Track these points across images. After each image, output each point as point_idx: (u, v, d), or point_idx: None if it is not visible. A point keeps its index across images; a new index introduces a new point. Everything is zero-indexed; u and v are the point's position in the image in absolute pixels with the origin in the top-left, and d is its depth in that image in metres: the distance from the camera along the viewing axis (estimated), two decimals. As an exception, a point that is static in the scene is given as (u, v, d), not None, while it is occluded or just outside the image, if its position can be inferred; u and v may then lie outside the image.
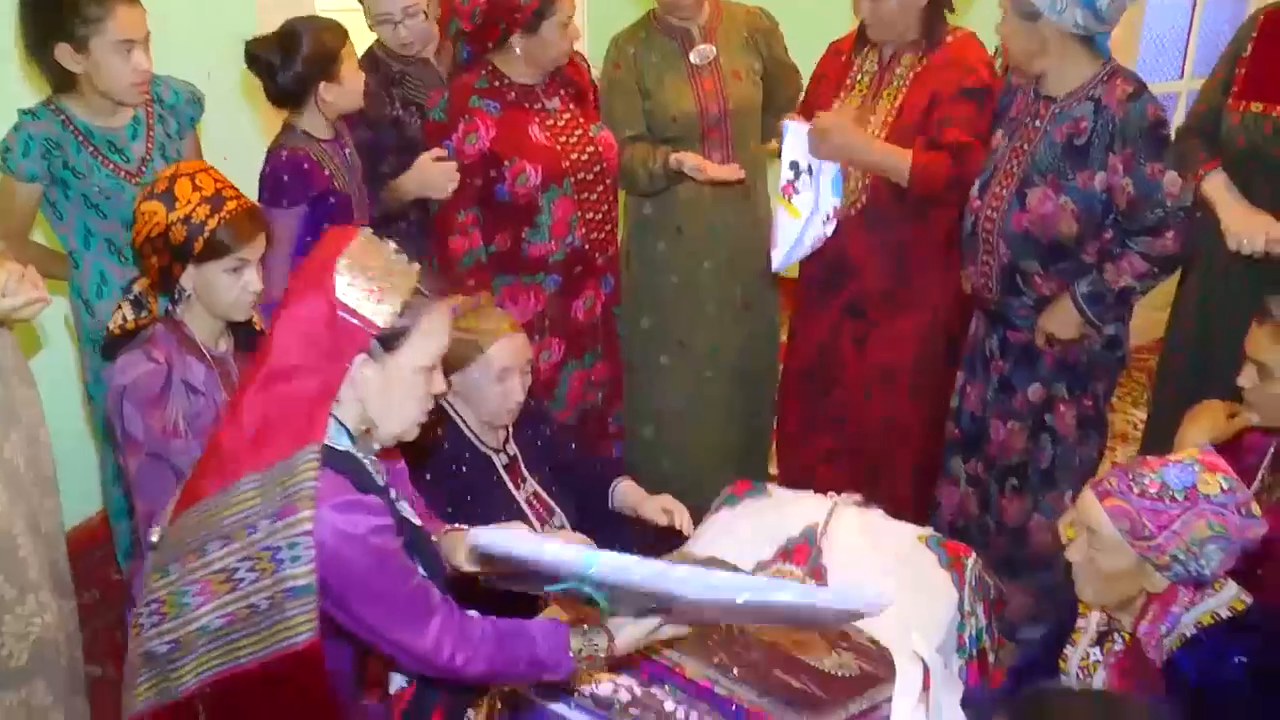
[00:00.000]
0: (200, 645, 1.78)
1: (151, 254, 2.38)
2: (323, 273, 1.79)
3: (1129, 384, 4.75)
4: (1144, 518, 2.01)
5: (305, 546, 1.72)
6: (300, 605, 1.73)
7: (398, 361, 1.85)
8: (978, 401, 3.10)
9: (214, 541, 1.77)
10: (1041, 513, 3.03)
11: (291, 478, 1.74)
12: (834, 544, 2.65)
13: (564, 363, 3.25)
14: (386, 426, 1.91)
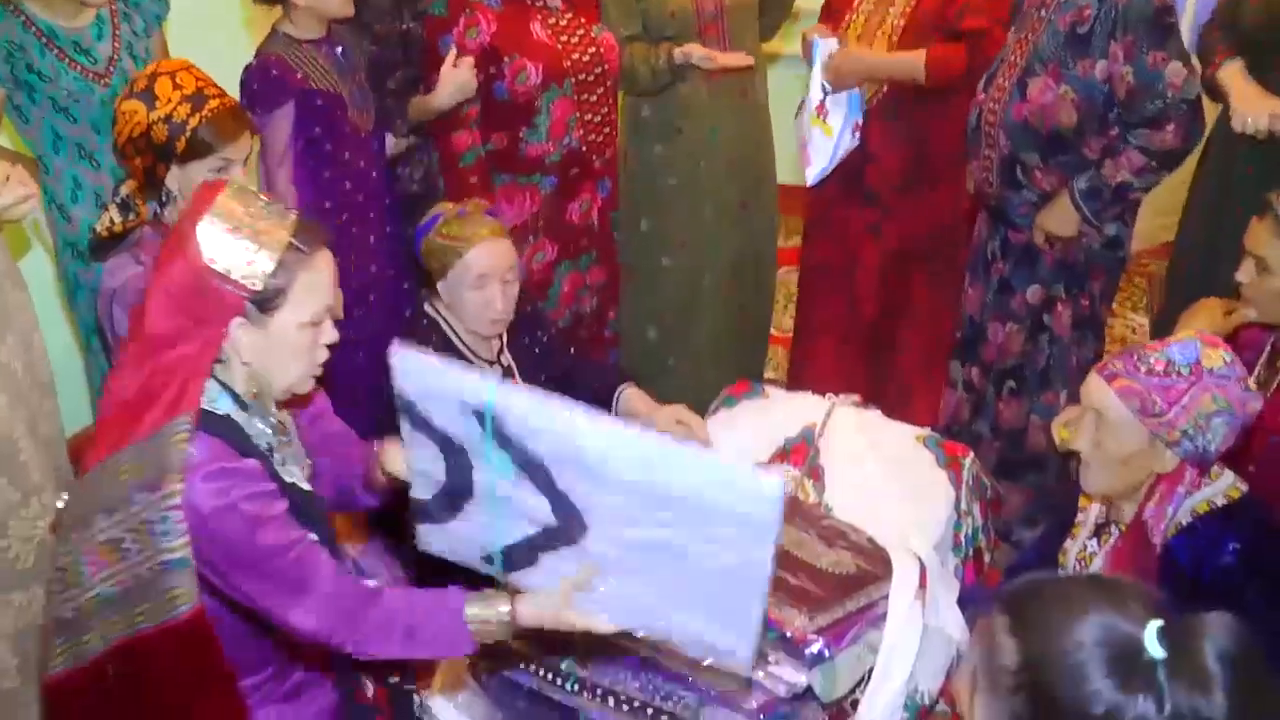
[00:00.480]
0: (101, 613, 1.75)
1: (134, 154, 2.34)
2: (187, 235, 1.71)
3: (1129, 288, 4.73)
4: (1154, 394, 2.02)
5: (175, 520, 1.67)
6: (177, 578, 1.69)
7: (276, 322, 1.76)
8: (977, 304, 3.09)
9: (99, 513, 1.72)
10: (1037, 414, 3.03)
11: (162, 450, 1.68)
12: (831, 444, 2.66)
13: (557, 263, 3.24)
14: (277, 383, 1.83)
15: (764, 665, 2.09)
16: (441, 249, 2.65)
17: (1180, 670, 1.12)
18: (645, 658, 2.17)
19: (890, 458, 2.64)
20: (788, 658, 2.11)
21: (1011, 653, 1.21)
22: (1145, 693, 1.12)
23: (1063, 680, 1.15)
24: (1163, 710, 1.11)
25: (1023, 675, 1.19)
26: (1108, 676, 1.13)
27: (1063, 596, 1.21)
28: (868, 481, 2.57)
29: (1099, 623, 1.16)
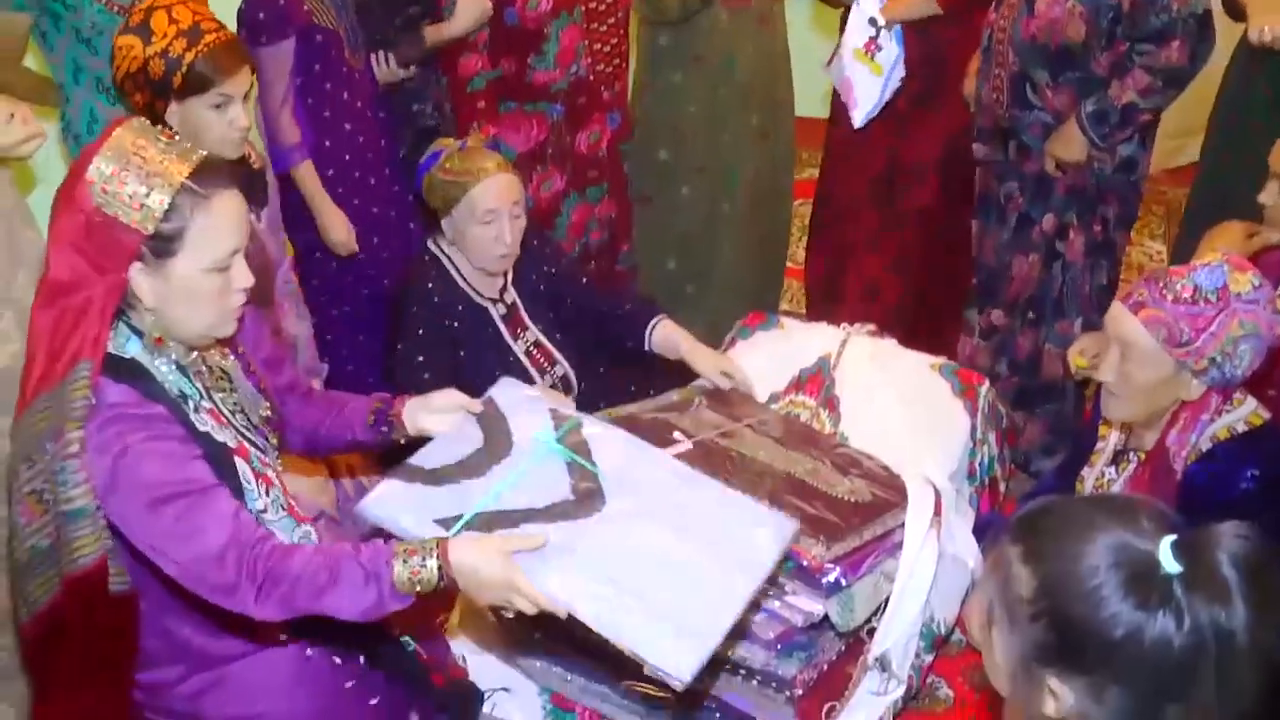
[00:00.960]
0: (37, 565, 1.73)
1: (134, 90, 2.31)
2: (78, 176, 1.63)
3: (1146, 216, 4.67)
4: (1181, 323, 1.99)
5: (73, 470, 1.62)
6: (80, 527, 1.65)
7: (176, 268, 1.67)
8: (991, 250, 3.05)
9: (22, 464, 1.68)
10: (1052, 343, 3.01)
11: (65, 398, 1.63)
12: (846, 374, 2.65)
13: (566, 193, 3.22)
14: (183, 331, 1.75)
15: (781, 595, 2.10)
16: (445, 185, 2.62)
17: (1197, 583, 1.11)
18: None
19: (906, 387, 2.63)
20: (804, 588, 2.11)
21: (1027, 582, 1.20)
22: (1164, 609, 1.11)
23: (1081, 604, 1.15)
24: (1183, 625, 1.11)
25: (1041, 603, 1.19)
26: (1125, 597, 1.12)
27: (1073, 520, 1.20)
28: (883, 411, 2.56)
29: (1112, 543, 1.15)
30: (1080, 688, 1.17)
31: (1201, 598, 1.11)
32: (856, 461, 2.41)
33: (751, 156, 3.48)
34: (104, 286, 1.64)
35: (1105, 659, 1.14)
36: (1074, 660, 1.17)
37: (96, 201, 1.62)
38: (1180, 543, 1.13)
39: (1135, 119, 2.73)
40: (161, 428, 1.68)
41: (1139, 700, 1.15)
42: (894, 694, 2.19)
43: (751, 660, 2.08)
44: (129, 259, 1.64)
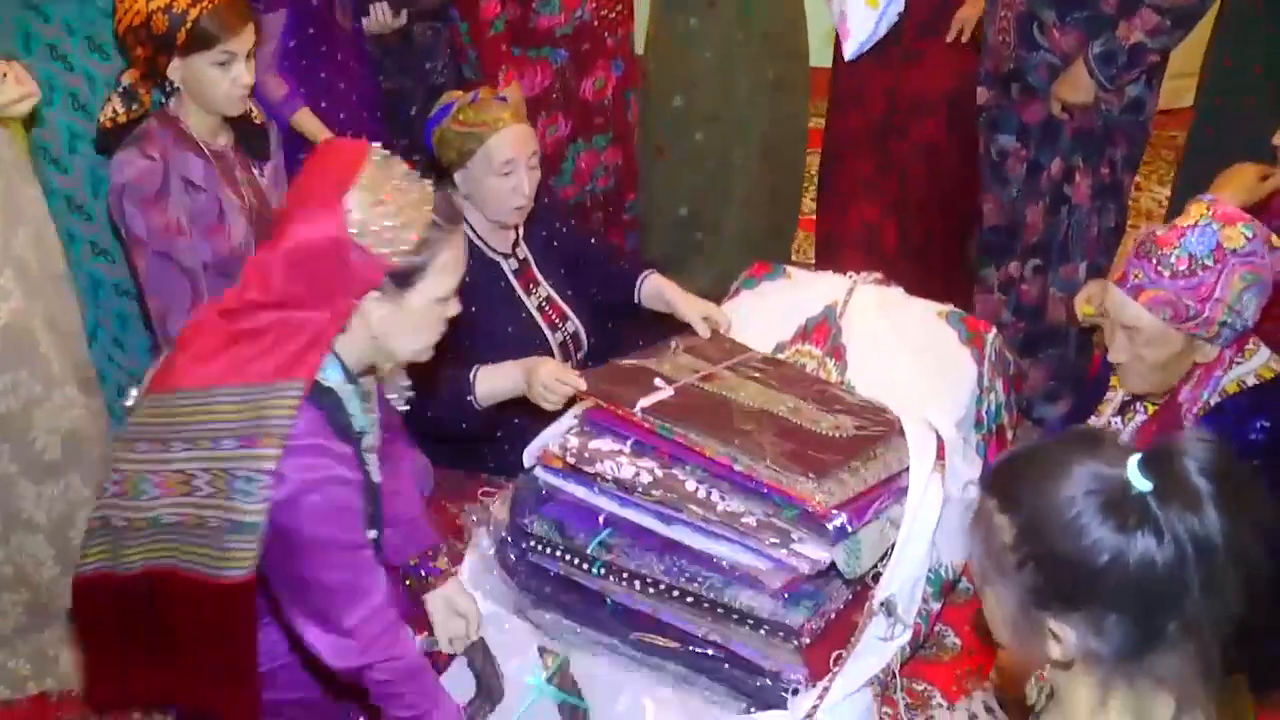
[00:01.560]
0: (149, 533, 1.73)
1: (135, 44, 2.30)
2: (332, 201, 1.65)
3: (1155, 161, 4.63)
4: (1184, 298, 1.96)
5: (261, 485, 1.64)
6: (241, 540, 1.66)
7: (412, 298, 1.72)
8: (997, 209, 3.01)
9: (179, 442, 1.69)
10: (1056, 287, 2.99)
11: (269, 407, 1.65)
12: (853, 322, 2.65)
13: (572, 139, 3.20)
14: (399, 354, 1.81)
15: (788, 544, 2.11)
16: (460, 137, 2.59)
17: (1169, 495, 1.12)
18: (669, 540, 2.19)
19: (912, 335, 2.62)
20: (811, 535, 2.12)
21: (1008, 529, 1.21)
22: (1142, 528, 1.12)
23: (1062, 538, 1.16)
24: (1163, 541, 1.12)
25: (1024, 548, 1.20)
26: (1104, 523, 1.13)
27: (1041, 461, 1.21)
28: (890, 359, 2.55)
29: (1082, 474, 1.16)
30: (1079, 624, 1.18)
31: (1175, 509, 1.12)
32: (838, 397, 2.42)
33: (766, 105, 3.45)
34: (332, 311, 1.68)
35: (1095, 589, 1.16)
36: (1067, 597, 1.18)
37: (352, 230, 1.64)
38: (1146, 459, 1.14)
39: (1143, 59, 2.69)
40: (348, 470, 1.73)
41: (1137, 623, 1.16)
42: (900, 639, 2.20)
43: (759, 609, 2.10)
44: (368, 287, 1.68)
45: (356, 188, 1.65)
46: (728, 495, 2.17)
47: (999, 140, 2.96)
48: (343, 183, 1.66)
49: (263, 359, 1.68)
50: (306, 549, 1.70)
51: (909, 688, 2.26)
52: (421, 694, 1.83)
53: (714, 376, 2.43)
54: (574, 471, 2.27)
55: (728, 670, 2.15)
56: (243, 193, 2.47)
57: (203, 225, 2.39)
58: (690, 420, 2.21)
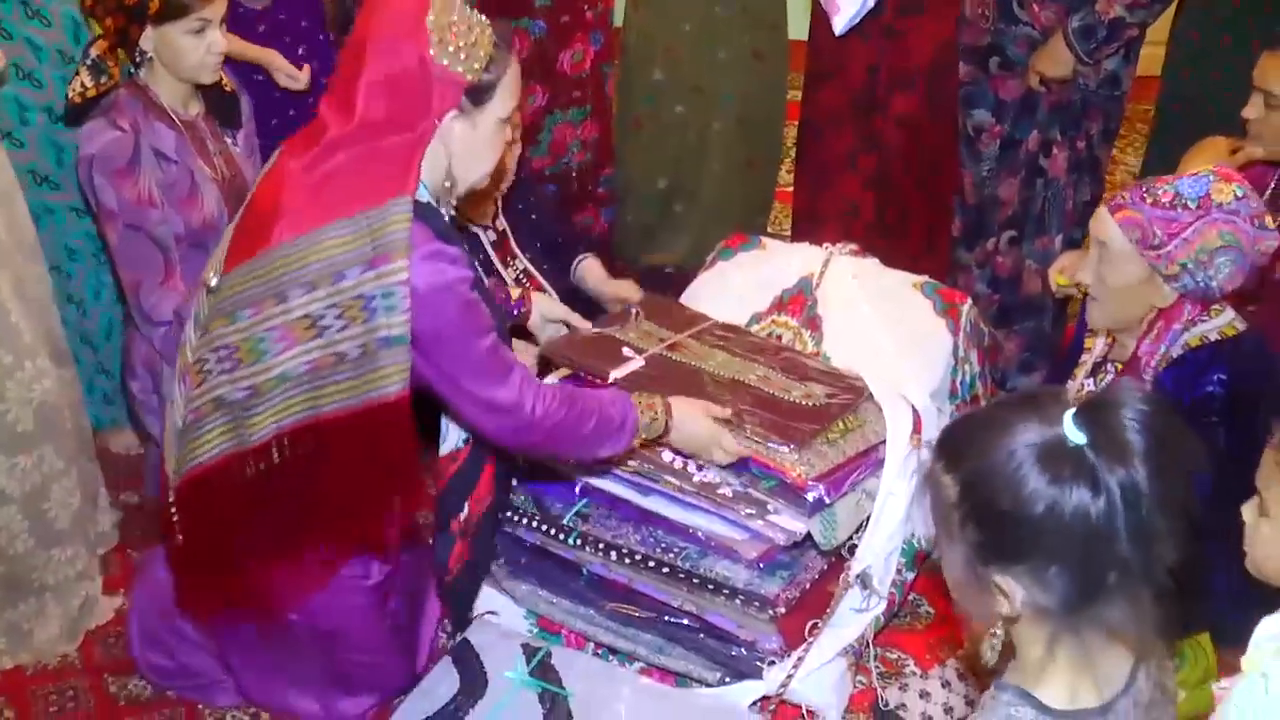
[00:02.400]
0: (279, 392, 1.81)
1: (105, 15, 2.27)
2: (412, 28, 1.76)
3: (1131, 135, 4.65)
4: (1155, 226, 2.01)
5: (401, 296, 1.74)
6: (393, 355, 1.76)
7: (484, 114, 1.85)
8: (972, 186, 3.02)
9: (296, 288, 1.77)
10: (1032, 259, 3.00)
11: (384, 227, 1.74)
12: (829, 294, 2.65)
13: (549, 111, 3.18)
14: (467, 178, 1.92)
15: (764, 514, 2.12)
16: None
17: (1103, 448, 1.14)
18: (645, 510, 2.19)
19: (888, 306, 2.63)
20: (787, 506, 2.13)
21: (951, 488, 1.23)
22: (1077, 480, 1.14)
23: (1000, 492, 1.17)
24: (1098, 491, 1.14)
25: (965, 503, 1.21)
26: (1040, 474, 1.15)
27: (982, 421, 1.24)
28: (865, 330, 2.56)
29: (1022, 428, 1.18)
30: (1022, 577, 1.20)
31: (1108, 461, 1.14)
32: (804, 365, 2.44)
33: (744, 77, 3.43)
34: (418, 130, 1.79)
35: (1033, 539, 1.17)
36: (1007, 550, 1.20)
37: (433, 50, 1.76)
38: (1081, 412, 1.16)
39: (1122, 33, 2.70)
40: (465, 269, 1.83)
41: (1078, 573, 1.18)
42: (875, 610, 2.22)
43: (734, 579, 2.11)
44: (451, 104, 1.80)
45: (432, 11, 1.77)
46: (704, 466, 2.17)
47: (974, 116, 2.97)
48: (418, 9, 1.77)
49: (358, 191, 1.77)
50: (452, 341, 1.81)
51: (883, 656, 2.28)
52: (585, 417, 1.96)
53: (680, 345, 2.44)
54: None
55: (703, 640, 2.16)
56: (215, 163, 2.46)
57: (174, 196, 2.37)
58: (664, 390, 2.21)
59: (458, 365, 1.83)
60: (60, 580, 2.24)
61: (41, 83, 2.42)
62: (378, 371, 1.77)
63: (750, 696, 2.10)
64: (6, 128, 2.43)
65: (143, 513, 2.62)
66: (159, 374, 2.43)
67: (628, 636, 2.20)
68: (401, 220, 1.75)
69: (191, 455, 1.89)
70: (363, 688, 2.12)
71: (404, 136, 1.79)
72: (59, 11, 2.43)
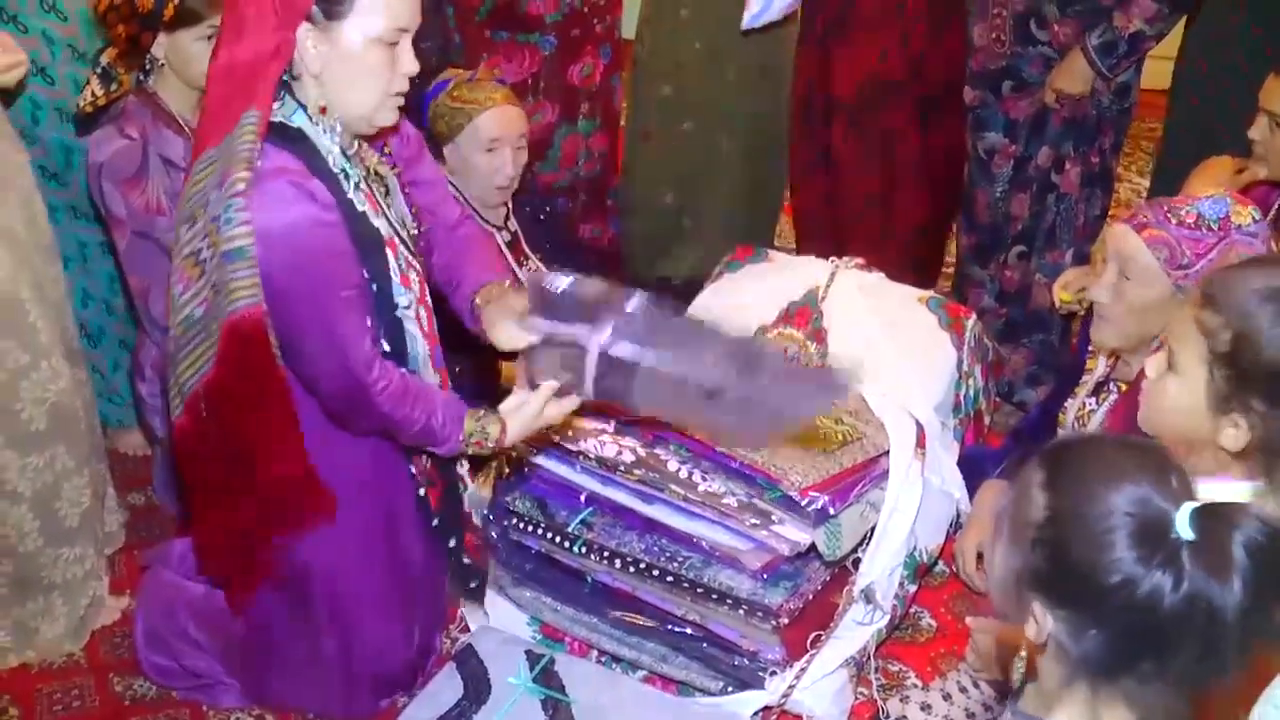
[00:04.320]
0: (190, 339, 1.75)
1: (117, 22, 2.28)
2: None
3: (1135, 153, 4.67)
4: (1183, 245, 2.03)
5: (238, 208, 1.64)
6: (239, 268, 1.66)
7: (343, 30, 1.71)
8: (985, 207, 3.03)
9: (183, 226, 1.73)
10: (1043, 273, 3.01)
11: (233, 143, 1.66)
12: (835, 306, 2.66)
13: (558, 125, 3.20)
14: (345, 107, 1.78)
15: (768, 525, 2.13)
16: (452, 112, 2.65)
17: (1204, 554, 1.12)
18: (650, 519, 2.20)
19: (893, 320, 2.64)
20: (791, 516, 2.14)
21: (1040, 508, 1.21)
22: (1165, 570, 1.12)
23: (1085, 543, 1.16)
24: (1179, 589, 1.12)
25: (1046, 531, 1.20)
26: (1131, 547, 1.13)
27: (1104, 460, 1.21)
28: (870, 343, 2.57)
29: (1135, 494, 1.15)
30: (1062, 620, 1.19)
31: (1203, 569, 1.11)
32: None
33: (753, 95, 3.45)
34: (270, 43, 1.67)
35: (1093, 600, 1.16)
36: (1063, 594, 1.19)
37: None
38: (1200, 511, 1.13)
39: (1141, 47, 2.73)
40: (324, 210, 1.72)
41: (1115, 647, 1.17)
42: (878, 624, 2.23)
43: (738, 589, 2.11)
44: (300, 15, 1.68)
45: None
46: (710, 475, 2.18)
47: (986, 138, 2.98)
48: None
49: (224, 116, 1.69)
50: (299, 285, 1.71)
51: (884, 668, 2.28)
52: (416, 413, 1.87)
53: None
54: (556, 449, 2.29)
55: (706, 649, 2.17)
56: (221, 169, 2.47)
57: (182, 204, 2.39)
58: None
59: (307, 308, 1.73)
60: (68, 579, 2.25)
61: (54, 79, 2.44)
62: (229, 287, 1.67)
63: (752, 706, 2.11)
64: (20, 124, 2.42)
65: (149, 514, 2.63)
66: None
67: (631, 645, 2.21)
68: (246, 135, 1.65)
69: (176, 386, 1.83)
70: (366, 683, 2.12)
71: (260, 50, 1.68)
72: (74, 8, 2.45)
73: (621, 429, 2.25)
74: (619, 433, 2.25)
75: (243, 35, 1.70)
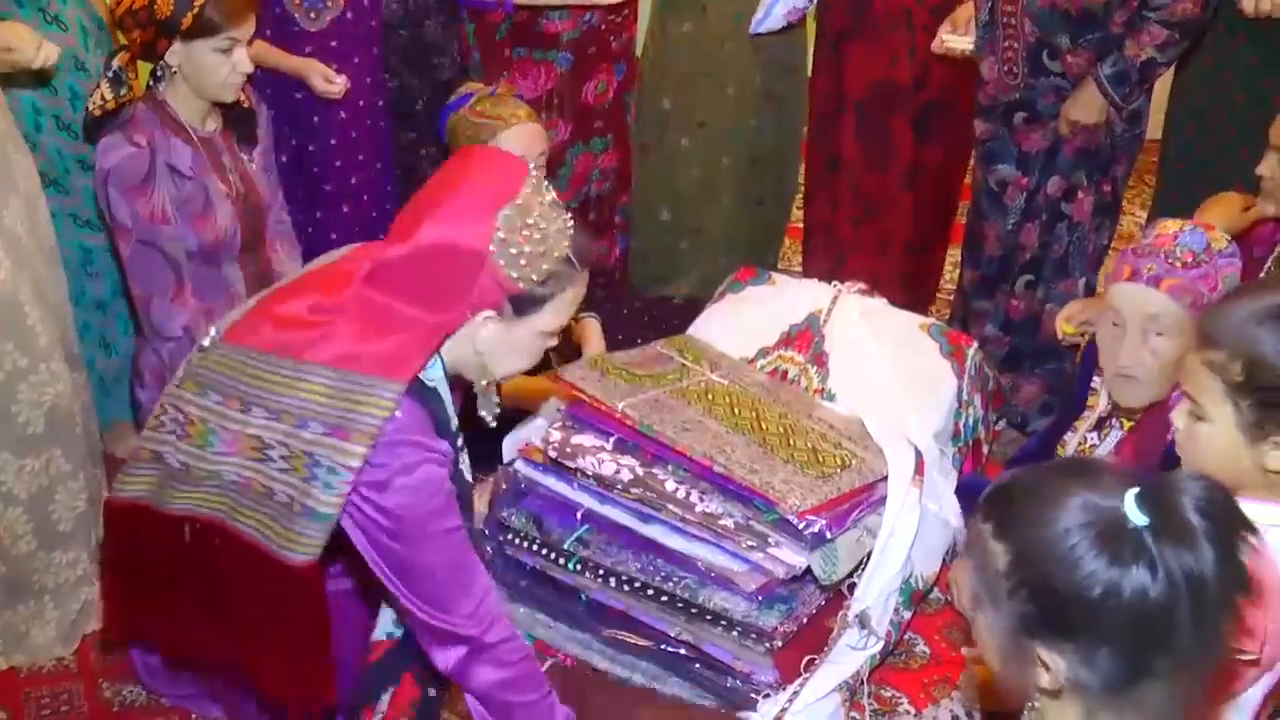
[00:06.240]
0: (207, 485, 1.73)
1: (133, 27, 2.29)
2: (483, 215, 1.67)
3: (1139, 186, 4.67)
4: (1199, 285, 2.07)
5: (342, 479, 1.62)
6: (309, 527, 1.65)
7: (523, 325, 1.75)
8: (996, 239, 3.03)
9: (260, 409, 1.68)
10: (1053, 301, 3.00)
11: (362, 404, 1.64)
12: (836, 331, 2.67)
13: (570, 143, 3.21)
14: (490, 374, 1.83)
15: (764, 547, 2.12)
16: (475, 126, 2.64)
17: (1165, 531, 1.13)
18: (646, 538, 2.20)
19: (894, 345, 2.64)
20: (788, 540, 2.13)
21: (1002, 556, 1.21)
22: (1138, 562, 1.13)
23: (1056, 568, 1.16)
24: (1157, 575, 1.12)
25: (1017, 575, 1.19)
26: (1099, 555, 1.14)
27: (1037, 489, 1.21)
28: (871, 369, 2.58)
29: (1078, 504, 1.16)
30: (1069, 654, 1.18)
31: (1170, 545, 1.13)
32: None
33: (757, 119, 3.47)
34: (445, 317, 1.70)
35: (1088, 620, 1.15)
36: (1058, 627, 1.18)
37: (493, 246, 1.66)
38: (1143, 494, 1.14)
39: (1153, 74, 2.72)
40: (443, 468, 1.71)
41: (1127, 657, 1.16)
42: (872, 649, 2.22)
43: (732, 611, 2.11)
44: (488, 306, 1.71)
45: (511, 206, 1.68)
46: (707, 496, 2.18)
47: (998, 170, 2.96)
48: (500, 197, 1.68)
49: (365, 348, 1.67)
50: (406, 533, 1.68)
51: (877, 694, 2.27)
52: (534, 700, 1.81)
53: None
54: (554, 466, 2.28)
55: (699, 670, 2.16)
56: (229, 180, 2.48)
57: (188, 213, 2.39)
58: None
59: (425, 557, 1.70)
60: (60, 583, 2.25)
61: (55, 89, 2.45)
62: (290, 533, 1.66)
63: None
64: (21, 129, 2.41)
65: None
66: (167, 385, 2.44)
67: (624, 664, 2.20)
68: (382, 407, 1.64)
69: (120, 484, 1.84)
70: None
71: (430, 316, 1.70)
72: (74, 17, 2.46)
73: (620, 447, 2.25)
74: (618, 450, 2.25)
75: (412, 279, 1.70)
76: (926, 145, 3.23)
